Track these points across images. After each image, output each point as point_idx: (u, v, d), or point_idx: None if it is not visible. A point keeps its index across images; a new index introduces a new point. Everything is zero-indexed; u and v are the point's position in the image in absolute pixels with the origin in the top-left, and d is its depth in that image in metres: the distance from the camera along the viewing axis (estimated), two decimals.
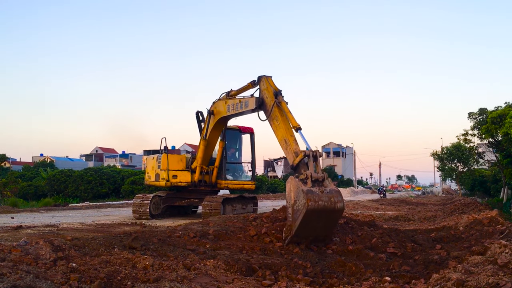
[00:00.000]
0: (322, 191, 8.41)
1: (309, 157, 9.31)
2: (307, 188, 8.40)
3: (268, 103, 11.65)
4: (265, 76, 12.09)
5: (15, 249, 5.69)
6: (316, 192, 8.31)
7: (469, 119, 26.83)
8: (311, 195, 8.21)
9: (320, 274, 6.56)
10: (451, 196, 52.50)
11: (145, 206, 16.03)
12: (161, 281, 5.18)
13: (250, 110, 12.82)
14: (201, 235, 8.78)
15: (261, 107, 12.09)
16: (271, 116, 11.37)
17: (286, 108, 11.07)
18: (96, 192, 37.48)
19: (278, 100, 11.25)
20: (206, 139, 15.82)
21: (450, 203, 30.42)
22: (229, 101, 14.27)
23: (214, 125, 15.46)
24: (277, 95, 11.38)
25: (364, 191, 72.69)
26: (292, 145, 10.38)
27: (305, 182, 8.66)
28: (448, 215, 18.92)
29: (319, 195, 8.28)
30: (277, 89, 11.63)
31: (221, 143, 16.46)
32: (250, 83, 13.06)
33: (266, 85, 11.85)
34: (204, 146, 15.99)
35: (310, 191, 8.32)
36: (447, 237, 10.27)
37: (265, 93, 11.88)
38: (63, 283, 4.72)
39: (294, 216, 8.50)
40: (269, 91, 11.67)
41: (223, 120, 15.34)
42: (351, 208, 23.78)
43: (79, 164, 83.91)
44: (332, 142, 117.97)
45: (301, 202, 8.29)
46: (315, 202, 8.16)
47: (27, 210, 21.91)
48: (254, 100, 12.40)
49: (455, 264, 6.17)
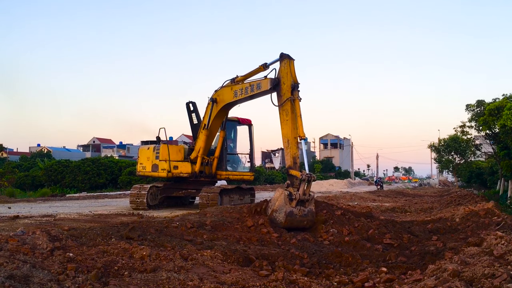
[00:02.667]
0: (301, 213, 9.69)
1: (304, 181, 9.84)
2: (290, 209, 9.59)
3: (284, 90, 11.22)
4: (288, 57, 11.37)
5: (12, 239, 5.68)
6: (294, 215, 9.61)
7: (466, 111, 26.84)
8: (290, 218, 9.57)
9: (317, 265, 6.57)
10: (447, 188, 52.71)
11: (142, 197, 16.04)
12: (158, 271, 5.19)
13: (262, 92, 12.50)
14: (198, 225, 8.79)
15: (276, 88, 11.61)
16: (282, 107, 11.08)
17: (299, 110, 10.82)
18: (93, 182, 37.45)
19: (293, 96, 10.92)
20: (208, 128, 15.72)
21: (447, 194, 30.51)
22: (236, 87, 14.03)
23: (217, 114, 15.34)
24: (294, 88, 11.01)
25: (361, 182, 72.95)
26: (293, 148, 10.60)
27: (292, 199, 9.71)
28: (444, 206, 18.98)
29: (295, 218, 9.64)
30: (297, 80, 11.20)
31: (221, 133, 16.39)
32: (261, 65, 12.62)
33: (287, 69, 11.26)
34: (206, 136, 15.89)
35: (291, 213, 9.58)
36: (444, 229, 10.31)
37: (284, 77, 11.31)
38: (60, 273, 4.72)
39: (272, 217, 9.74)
40: (288, 78, 11.17)
41: (227, 107, 15.20)
42: (348, 199, 23.83)
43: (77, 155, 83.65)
44: (329, 134, 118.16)
45: (280, 218, 9.60)
46: (290, 223, 9.60)
47: (24, 200, 21.92)
48: (269, 81, 11.94)
49: (451, 255, 6.19)
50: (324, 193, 33.91)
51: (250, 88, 13.11)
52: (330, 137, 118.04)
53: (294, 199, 9.69)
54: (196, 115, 16.94)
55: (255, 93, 12.92)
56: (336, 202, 18.51)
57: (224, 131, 16.41)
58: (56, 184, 36.90)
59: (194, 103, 16.82)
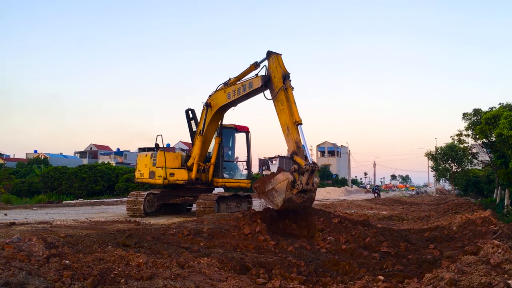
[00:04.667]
0: (300, 200, 9.83)
1: (308, 171, 9.86)
2: (289, 196, 9.69)
3: (275, 83, 11.49)
4: (274, 53, 11.79)
5: (8, 245, 5.66)
6: (293, 201, 9.76)
7: (463, 119, 26.91)
8: (287, 204, 9.74)
9: (314, 273, 6.56)
10: (444, 196, 52.71)
11: (139, 204, 15.99)
12: (154, 279, 5.17)
13: (255, 91, 12.64)
14: (195, 233, 8.77)
15: (267, 85, 11.88)
16: (276, 98, 11.34)
17: (292, 97, 11.09)
18: (90, 189, 37.33)
19: (285, 85, 11.18)
20: (203, 134, 15.73)
21: (444, 203, 30.54)
22: (229, 89, 14.11)
23: (212, 118, 15.34)
24: (285, 78, 11.27)
25: (358, 190, 72.98)
26: (294, 134, 10.65)
27: (294, 187, 9.73)
28: (441, 215, 18.99)
29: (293, 204, 9.84)
30: (286, 71, 11.44)
31: (217, 139, 16.37)
32: (252, 64, 12.86)
33: (276, 63, 11.60)
34: (201, 142, 15.88)
35: (289, 200, 9.71)
36: (441, 237, 10.32)
37: (273, 72, 11.63)
38: (56, 280, 4.70)
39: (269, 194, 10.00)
40: (278, 71, 11.46)
41: (221, 110, 15.20)
42: (345, 207, 23.82)
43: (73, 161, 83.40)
44: (327, 141, 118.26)
45: (278, 201, 9.77)
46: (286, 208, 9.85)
47: (21, 207, 21.81)
48: (260, 78, 12.18)
49: (448, 264, 6.19)
50: (321, 200, 33.87)
51: (243, 88, 13.24)
52: (327, 144, 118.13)
53: (297, 188, 9.75)
54: (195, 122, 16.94)
55: (247, 92, 13.05)
56: (333, 210, 18.51)
57: (219, 137, 16.37)
58: (52, 191, 36.77)
59: (193, 110, 16.81)
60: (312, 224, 9.83)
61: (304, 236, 9.69)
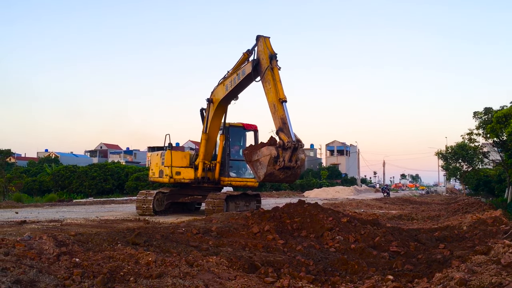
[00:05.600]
0: (283, 175, 10.12)
1: (290, 148, 10.05)
2: (271, 171, 10.07)
3: (263, 64, 11.76)
4: (263, 36, 12.06)
5: (19, 243, 5.72)
6: (274, 175, 10.23)
7: (474, 118, 26.66)
8: (268, 178, 10.31)
9: (323, 272, 6.55)
10: (455, 196, 52.35)
11: (148, 203, 16.07)
12: (163, 277, 5.19)
13: (248, 76, 12.78)
14: (204, 231, 8.79)
15: (257, 67, 12.12)
16: (264, 78, 11.59)
17: (278, 76, 11.32)
18: (100, 188, 37.62)
19: (272, 64, 11.42)
20: (207, 132, 15.80)
21: (454, 202, 30.32)
22: (226, 81, 14.30)
23: (214, 114, 15.40)
24: (272, 58, 11.51)
25: (367, 189, 72.62)
26: (279, 111, 10.86)
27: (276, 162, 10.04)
28: (451, 214, 18.86)
29: (275, 178, 10.40)
30: (273, 52, 11.72)
31: (221, 137, 16.38)
32: (245, 52, 13.09)
33: (263, 46, 11.90)
34: (205, 140, 15.95)
35: (271, 174, 10.13)
36: (451, 237, 10.24)
37: (261, 54, 11.93)
38: (66, 278, 4.74)
39: (253, 164, 10.55)
40: (265, 52, 11.73)
41: (223, 104, 15.24)
42: (354, 206, 23.74)
43: (84, 160, 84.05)
44: (336, 141, 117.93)
45: (260, 174, 10.33)
46: (268, 181, 10.69)
47: (32, 205, 22.05)
48: (250, 64, 12.44)
49: (458, 264, 6.15)
50: (330, 200, 33.80)
51: (237, 77, 13.46)
52: (337, 143, 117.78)
53: (278, 165, 9.99)
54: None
55: (241, 80, 13.22)
56: (342, 209, 18.46)
57: (224, 135, 16.39)
58: (63, 190, 37.10)
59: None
60: (321, 223, 9.81)
61: (313, 235, 9.67)
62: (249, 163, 10.89)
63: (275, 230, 9.35)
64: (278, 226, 9.74)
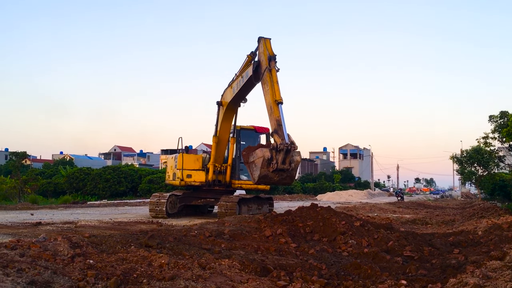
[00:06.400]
0: (277, 177, 10.18)
1: (282, 150, 9.97)
2: (265, 173, 10.08)
3: (262, 66, 11.76)
4: (263, 38, 12.07)
5: (34, 245, 5.79)
6: (269, 178, 10.21)
7: (489, 122, 26.34)
8: (262, 180, 10.32)
9: (335, 276, 6.52)
10: (470, 200, 51.68)
11: (161, 205, 16.15)
12: (176, 279, 5.22)
13: (250, 78, 12.81)
14: (217, 234, 8.81)
15: (258, 69, 12.15)
16: (262, 80, 11.64)
17: (275, 77, 11.27)
18: (114, 190, 37.90)
19: (270, 66, 11.40)
20: (217, 135, 15.88)
21: (469, 207, 29.99)
22: (233, 83, 14.41)
23: (224, 116, 15.49)
24: (270, 60, 11.50)
25: (381, 193, 72.13)
26: (275, 112, 10.83)
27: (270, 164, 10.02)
28: (466, 219, 18.63)
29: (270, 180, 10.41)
30: (272, 53, 11.70)
31: (232, 139, 16.43)
32: (249, 55, 13.13)
33: (263, 48, 11.89)
34: (216, 143, 16.02)
35: (265, 177, 10.14)
36: (465, 242, 10.12)
37: (261, 56, 11.95)
38: (80, 279, 4.79)
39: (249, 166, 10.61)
40: (265, 54, 11.72)
41: (232, 107, 15.30)
42: (367, 210, 23.60)
43: (98, 163, 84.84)
44: (349, 144, 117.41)
45: (254, 176, 10.35)
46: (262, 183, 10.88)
47: (47, 207, 22.31)
48: (252, 65, 12.48)
49: (473, 269, 6.08)
50: (343, 203, 33.64)
51: (242, 79, 13.56)
52: (350, 147, 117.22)
53: (272, 167, 9.96)
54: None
55: (245, 82, 13.25)
56: (356, 213, 18.36)
57: (234, 137, 16.43)
58: (77, 192, 37.45)
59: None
60: (334, 227, 9.77)
61: (326, 239, 9.63)
62: (246, 164, 10.92)
63: (288, 234, 9.34)
64: (291, 230, 9.73)
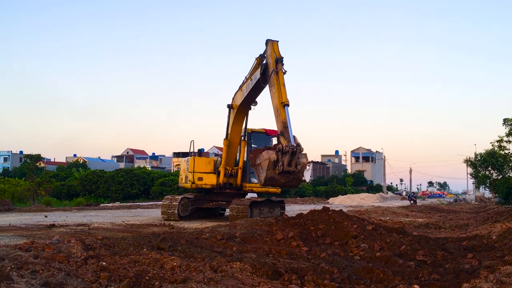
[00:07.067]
0: (284, 180, 10.15)
1: (288, 153, 9.94)
2: (271, 175, 10.06)
3: (270, 68, 11.80)
4: (271, 40, 12.12)
5: (48, 247, 5.85)
6: (275, 180, 10.21)
7: (504, 125, 26.07)
8: (269, 182, 10.31)
9: (347, 280, 6.49)
10: (484, 204, 51.07)
11: (173, 208, 16.23)
12: (188, 282, 5.24)
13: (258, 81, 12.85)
14: (228, 237, 8.82)
15: (265, 72, 12.19)
16: (270, 82, 11.66)
17: (282, 79, 11.30)
18: (126, 192, 38.18)
19: (277, 68, 11.43)
20: (228, 138, 15.93)
21: (483, 211, 29.65)
22: (243, 86, 14.46)
23: (234, 119, 15.55)
24: (277, 62, 11.51)
25: (393, 197, 71.61)
26: (282, 114, 10.86)
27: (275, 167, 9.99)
28: (481, 223, 18.42)
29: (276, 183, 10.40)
30: (280, 55, 11.73)
31: (243, 142, 16.46)
32: (258, 57, 13.16)
33: (271, 50, 11.94)
34: (227, 146, 16.07)
35: (271, 179, 10.13)
36: (479, 246, 10.00)
37: (269, 59, 11.98)
38: (93, 281, 4.83)
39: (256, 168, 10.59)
40: (272, 56, 11.76)
41: (243, 109, 15.35)
42: (380, 214, 23.45)
43: (111, 165, 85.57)
44: (361, 147, 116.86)
45: (261, 178, 10.34)
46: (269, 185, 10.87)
47: (60, 209, 22.54)
48: (260, 68, 12.55)
49: (487, 274, 6.01)
50: (355, 207, 33.46)
51: (251, 82, 13.64)
52: (362, 150, 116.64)
53: (278, 169, 9.95)
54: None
55: (254, 85, 13.31)
56: (368, 217, 18.27)
57: (245, 141, 16.46)
58: (90, 194, 37.79)
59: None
60: (346, 231, 9.72)
61: (338, 242, 9.59)
62: (253, 166, 10.93)
63: (299, 237, 9.32)
64: (302, 233, 9.70)
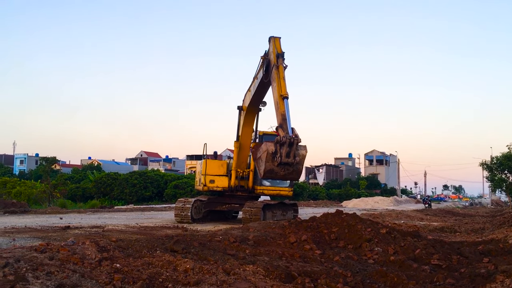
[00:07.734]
0: (284, 172, 10.10)
1: (286, 144, 9.87)
2: (270, 168, 10.03)
3: (271, 64, 11.87)
4: (273, 37, 12.21)
5: (63, 248, 5.91)
6: (275, 172, 10.17)
7: None
8: (269, 175, 10.34)
9: (361, 284, 6.44)
10: (500, 208, 50.36)
11: (186, 210, 16.28)
12: (201, 284, 5.25)
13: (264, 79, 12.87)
14: (241, 240, 8.82)
15: (268, 68, 12.28)
16: (271, 77, 11.66)
17: (282, 73, 11.34)
18: (140, 195, 38.42)
19: (278, 63, 11.48)
20: (239, 140, 15.95)
21: (500, 215, 29.17)
22: (251, 86, 14.48)
23: (245, 121, 15.56)
24: (278, 57, 11.58)
25: (408, 200, 71.07)
26: (281, 107, 10.87)
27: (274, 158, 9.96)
28: (497, 227, 18.14)
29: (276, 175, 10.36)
30: (281, 50, 11.79)
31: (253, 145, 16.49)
32: (262, 56, 13.17)
33: (273, 47, 11.99)
34: (238, 149, 16.08)
35: (270, 171, 10.11)
36: (495, 250, 9.85)
37: (271, 55, 12.07)
38: (107, 283, 4.86)
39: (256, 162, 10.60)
40: (274, 52, 11.82)
41: (252, 110, 15.37)
42: (394, 217, 23.26)
43: (125, 168, 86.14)
44: (375, 150, 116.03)
45: (260, 170, 10.35)
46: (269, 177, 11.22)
47: (75, 211, 22.76)
48: (263, 66, 12.61)
49: (503, 278, 5.92)
50: (369, 210, 33.25)
51: (257, 81, 13.69)
52: (376, 153, 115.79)
53: (276, 161, 9.93)
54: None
55: (259, 83, 13.32)
56: (382, 220, 18.11)
57: (255, 142, 16.45)
58: (105, 196, 38.10)
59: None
60: (359, 234, 9.66)
61: (351, 246, 9.53)
62: (254, 160, 10.98)
63: (312, 240, 9.28)
64: (316, 236, 9.67)
